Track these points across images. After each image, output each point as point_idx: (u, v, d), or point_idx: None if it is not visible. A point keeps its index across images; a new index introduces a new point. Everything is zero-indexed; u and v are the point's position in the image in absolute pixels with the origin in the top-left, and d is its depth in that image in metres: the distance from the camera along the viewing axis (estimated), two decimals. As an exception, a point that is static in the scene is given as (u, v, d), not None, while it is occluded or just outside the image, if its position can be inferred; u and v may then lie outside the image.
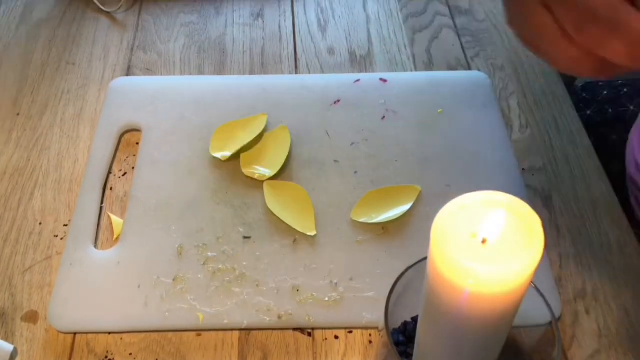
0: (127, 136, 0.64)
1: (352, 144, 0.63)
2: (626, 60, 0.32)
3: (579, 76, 0.34)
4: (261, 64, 0.73)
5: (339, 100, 0.66)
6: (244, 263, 0.53)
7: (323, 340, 0.50)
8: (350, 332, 0.51)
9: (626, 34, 0.31)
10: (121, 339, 0.50)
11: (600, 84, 0.85)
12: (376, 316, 0.50)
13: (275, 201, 0.57)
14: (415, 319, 0.45)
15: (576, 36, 0.33)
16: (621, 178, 0.72)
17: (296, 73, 0.72)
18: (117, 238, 0.56)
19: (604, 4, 0.31)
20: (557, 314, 0.51)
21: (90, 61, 0.73)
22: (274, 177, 0.59)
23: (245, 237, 0.55)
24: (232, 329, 0.51)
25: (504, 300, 0.30)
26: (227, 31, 0.77)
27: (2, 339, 0.48)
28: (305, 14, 0.80)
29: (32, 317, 0.51)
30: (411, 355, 0.41)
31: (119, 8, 0.80)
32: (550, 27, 0.34)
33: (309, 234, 0.55)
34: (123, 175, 0.61)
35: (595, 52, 0.33)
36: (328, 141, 0.63)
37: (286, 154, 0.60)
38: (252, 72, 0.72)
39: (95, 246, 0.55)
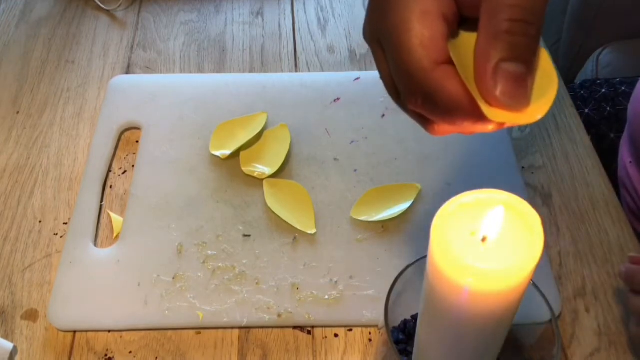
0: (127, 134, 0.64)
1: (352, 142, 0.63)
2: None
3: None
4: (261, 62, 0.73)
5: (338, 99, 0.66)
6: (244, 261, 0.54)
7: (323, 338, 0.50)
8: (350, 330, 0.51)
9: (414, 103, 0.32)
10: (121, 337, 0.50)
11: (598, 81, 0.85)
12: (376, 314, 0.50)
13: (275, 199, 0.57)
14: (415, 317, 0.45)
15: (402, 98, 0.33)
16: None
17: (296, 71, 0.72)
18: (116, 236, 0.56)
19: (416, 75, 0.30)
20: (557, 312, 0.51)
21: (90, 59, 0.73)
22: (273, 176, 0.59)
23: (245, 236, 0.55)
24: (231, 327, 0.51)
25: (504, 298, 0.30)
26: (227, 29, 0.77)
27: (1, 337, 0.49)
28: (305, 12, 0.80)
29: (31, 316, 0.51)
30: (411, 353, 0.41)
31: (118, 6, 0.80)
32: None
33: (308, 232, 0.55)
34: (123, 174, 0.61)
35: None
36: (328, 139, 0.63)
37: (286, 152, 0.60)
38: (252, 71, 0.72)
39: (95, 244, 0.55)
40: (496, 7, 0.28)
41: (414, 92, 0.31)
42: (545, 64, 0.30)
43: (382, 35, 0.32)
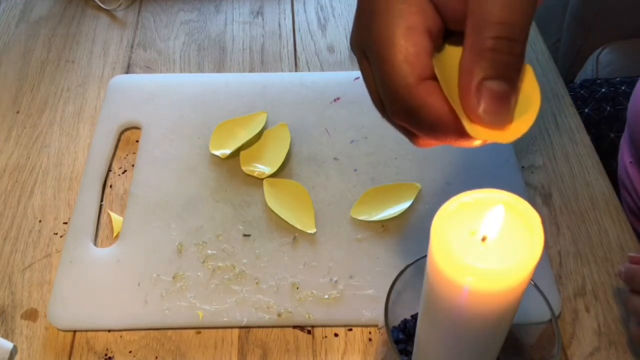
0: (126, 134, 0.64)
1: (352, 141, 0.63)
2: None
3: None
4: (261, 62, 0.73)
5: (338, 98, 0.66)
6: (244, 261, 0.54)
7: (323, 338, 0.50)
8: (350, 329, 0.51)
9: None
10: (121, 336, 0.50)
11: (598, 81, 0.85)
12: (376, 314, 0.50)
13: (275, 199, 0.57)
14: (415, 317, 0.45)
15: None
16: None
17: (296, 71, 0.72)
18: (116, 236, 0.56)
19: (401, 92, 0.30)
20: (556, 312, 0.51)
21: (90, 59, 0.73)
22: (273, 175, 0.59)
23: (245, 235, 0.55)
24: (231, 327, 0.51)
25: (504, 298, 0.30)
26: (227, 29, 0.77)
27: (1, 336, 0.49)
28: (305, 11, 0.80)
29: (31, 315, 0.51)
30: (411, 352, 0.41)
31: (118, 6, 0.80)
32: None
33: (308, 231, 0.55)
34: (123, 173, 0.61)
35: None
36: (328, 139, 0.63)
37: (286, 151, 0.60)
38: (251, 70, 0.72)
39: (95, 244, 0.55)
40: (481, 23, 0.27)
41: (398, 107, 0.31)
42: (529, 80, 0.29)
43: (367, 47, 0.32)
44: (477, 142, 0.31)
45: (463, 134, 0.29)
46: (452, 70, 0.30)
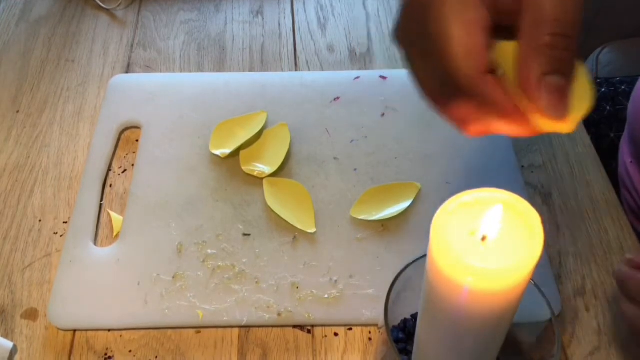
0: (126, 133, 0.64)
1: (352, 141, 0.63)
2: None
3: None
4: (261, 62, 0.73)
5: (338, 98, 0.66)
6: (244, 260, 0.54)
7: (323, 337, 0.50)
8: (350, 329, 0.51)
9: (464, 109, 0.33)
10: (121, 336, 0.50)
11: (598, 80, 0.85)
12: (376, 313, 0.50)
13: (275, 198, 0.57)
14: (415, 317, 0.45)
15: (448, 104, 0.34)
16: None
17: (296, 70, 0.72)
18: (116, 235, 0.56)
19: (466, 79, 0.32)
20: (556, 311, 0.51)
21: (90, 58, 0.73)
22: (273, 175, 0.59)
23: (244, 235, 0.55)
24: (231, 326, 0.51)
25: (504, 298, 0.30)
26: (227, 28, 0.77)
27: (1, 336, 0.48)
28: (305, 11, 0.80)
29: (31, 315, 0.51)
30: (411, 352, 0.41)
31: (118, 5, 0.80)
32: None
33: (308, 231, 0.55)
34: (123, 173, 0.61)
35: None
36: (328, 138, 0.63)
37: (286, 151, 0.60)
38: (251, 70, 0.72)
39: (95, 243, 0.55)
40: (538, 20, 0.30)
41: (463, 97, 0.33)
42: (581, 75, 0.31)
43: (424, 42, 0.33)
44: (527, 132, 0.33)
45: (523, 124, 0.32)
46: (508, 64, 0.32)
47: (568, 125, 0.31)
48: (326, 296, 0.51)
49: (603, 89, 0.82)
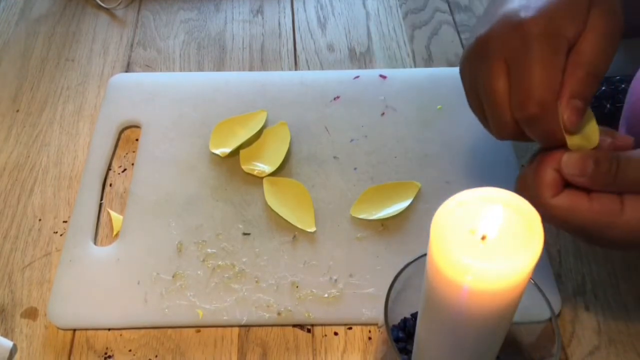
0: (126, 132, 0.64)
1: (352, 140, 0.63)
2: (543, 143, 0.41)
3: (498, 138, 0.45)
4: (261, 61, 0.73)
5: (338, 97, 0.66)
6: (244, 259, 0.54)
7: (322, 336, 0.50)
8: (350, 328, 0.51)
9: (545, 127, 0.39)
10: (121, 335, 0.50)
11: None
12: (376, 312, 0.50)
13: (275, 198, 0.57)
14: (414, 316, 0.45)
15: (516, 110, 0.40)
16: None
17: (296, 69, 0.72)
18: (116, 234, 0.56)
19: (539, 94, 0.38)
20: (556, 311, 0.51)
21: (90, 58, 0.73)
22: (273, 174, 0.59)
23: (244, 234, 0.55)
24: (231, 326, 0.51)
25: (504, 297, 0.30)
26: (227, 28, 0.77)
27: (1, 335, 0.49)
28: (305, 10, 0.80)
29: (31, 314, 0.51)
30: (410, 351, 0.41)
31: (118, 4, 0.79)
32: (501, 90, 0.40)
33: (308, 230, 0.55)
34: (122, 172, 0.61)
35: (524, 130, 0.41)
36: (327, 138, 0.63)
37: (285, 150, 0.60)
38: (251, 69, 0.72)
39: (95, 243, 0.55)
40: (579, 60, 0.38)
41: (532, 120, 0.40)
42: (590, 119, 0.40)
43: (515, 58, 0.39)
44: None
45: (561, 142, 0.39)
46: None
47: (581, 140, 0.38)
48: (326, 295, 0.51)
49: (603, 87, 0.82)
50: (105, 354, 0.49)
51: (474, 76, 0.42)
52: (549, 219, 0.38)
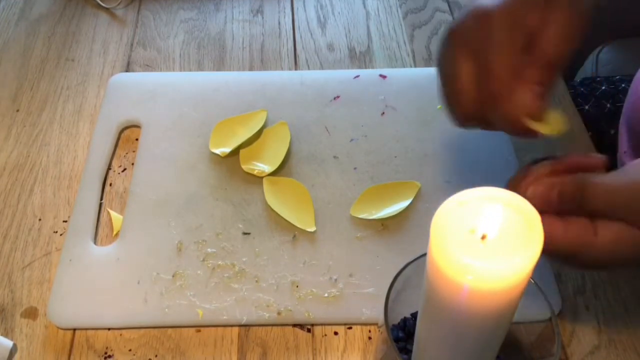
0: (126, 132, 0.64)
1: (352, 140, 0.63)
2: (505, 129, 0.44)
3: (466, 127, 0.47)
4: (260, 60, 0.73)
5: (338, 97, 0.66)
6: (244, 259, 0.54)
7: (322, 336, 0.50)
8: (350, 328, 0.51)
9: (505, 108, 0.42)
10: (121, 335, 0.50)
11: (598, 79, 0.85)
12: (376, 312, 0.50)
13: (275, 197, 0.57)
14: (414, 315, 0.45)
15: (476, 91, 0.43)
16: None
17: (295, 69, 0.72)
18: (116, 234, 0.56)
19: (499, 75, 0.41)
20: (556, 310, 0.51)
21: (90, 57, 0.73)
22: (273, 173, 0.59)
23: (244, 233, 0.55)
24: (231, 325, 0.51)
25: (504, 297, 0.30)
26: (227, 27, 0.77)
27: (1, 335, 0.49)
28: (305, 10, 0.80)
29: (31, 313, 0.51)
30: (410, 351, 0.41)
31: (118, 4, 0.79)
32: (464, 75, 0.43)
33: (308, 230, 0.55)
34: (122, 171, 0.61)
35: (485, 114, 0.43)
36: (327, 137, 0.63)
37: (285, 150, 0.60)
38: (251, 69, 0.72)
39: (95, 242, 0.55)
40: (540, 50, 0.41)
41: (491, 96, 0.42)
42: (554, 111, 0.42)
43: (481, 53, 0.42)
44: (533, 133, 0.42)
45: (523, 129, 0.42)
46: None
47: (549, 129, 0.41)
48: (326, 295, 0.51)
49: (603, 87, 0.82)
50: (105, 353, 0.49)
51: (442, 64, 0.45)
52: None
